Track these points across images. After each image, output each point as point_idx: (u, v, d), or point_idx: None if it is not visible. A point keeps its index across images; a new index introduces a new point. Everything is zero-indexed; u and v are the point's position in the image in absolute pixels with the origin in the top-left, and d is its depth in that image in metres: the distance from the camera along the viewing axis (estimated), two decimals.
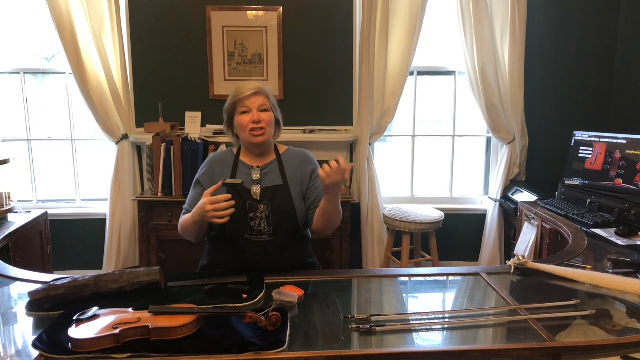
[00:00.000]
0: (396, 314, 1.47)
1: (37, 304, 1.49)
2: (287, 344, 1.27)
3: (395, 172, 3.92)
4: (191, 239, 1.87)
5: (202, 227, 1.79)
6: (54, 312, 1.46)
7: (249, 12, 3.49)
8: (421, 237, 3.57)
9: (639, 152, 2.64)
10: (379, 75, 3.45)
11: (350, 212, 3.28)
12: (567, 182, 2.89)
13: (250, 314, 1.32)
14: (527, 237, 2.80)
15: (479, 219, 3.80)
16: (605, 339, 1.33)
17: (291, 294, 1.53)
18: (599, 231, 2.31)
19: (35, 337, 1.29)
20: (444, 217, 3.35)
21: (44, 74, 3.71)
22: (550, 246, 2.61)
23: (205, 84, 3.58)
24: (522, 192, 3.33)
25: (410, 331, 1.38)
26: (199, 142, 3.23)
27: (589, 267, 1.81)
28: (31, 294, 1.50)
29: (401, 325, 1.40)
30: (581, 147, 2.89)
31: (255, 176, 1.88)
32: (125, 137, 3.49)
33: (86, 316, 1.33)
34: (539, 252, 2.71)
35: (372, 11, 3.34)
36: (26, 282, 1.71)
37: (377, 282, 1.76)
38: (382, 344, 1.31)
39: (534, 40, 3.55)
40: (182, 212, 1.90)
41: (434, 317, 1.47)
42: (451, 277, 1.82)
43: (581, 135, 2.91)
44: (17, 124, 3.69)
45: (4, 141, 3.67)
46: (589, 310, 1.47)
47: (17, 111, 3.67)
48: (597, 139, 2.83)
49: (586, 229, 2.36)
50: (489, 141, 3.87)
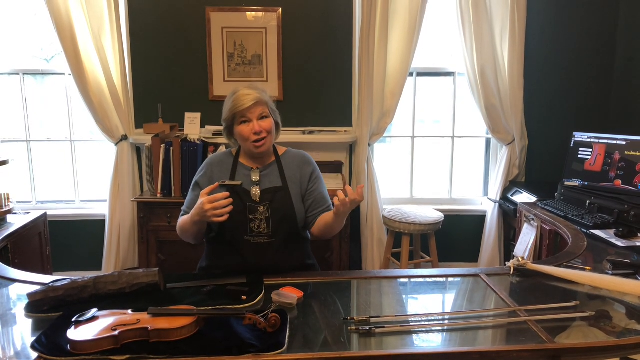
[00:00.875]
0: (396, 316, 1.47)
1: (36, 305, 1.48)
2: (286, 346, 1.27)
3: (394, 173, 3.92)
4: (190, 240, 1.87)
5: (201, 227, 1.79)
6: (53, 313, 1.45)
7: (249, 13, 3.49)
8: (421, 238, 3.57)
9: (638, 153, 2.64)
10: (378, 76, 3.46)
11: (349, 213, 3.27)
12: (566, 183, 2.89)
13: (249, 315, 1.32)
14: (527, 238, 2.80)
15: (479, 220, 3.80)
16: (604, 341, 1.33)
17: (290, 295, 1.53)
18: (598, 232, 2.31)
19: (34, 338, 1.29)
20: (443, 218, 3.35)
21: (43, 75, 3.71)
22: (549, 247, 2.61)
23: (204, 85, 3.58)
24: (522, 193, 3.33)
25: (409, 333, 1.38)
26: (199, 143, 3.23)
27: (588, 268, 1.81)
28: (30, 296, 1.49)
29: (401, 326, 1.39)
30: (580, 148, 2.89)
31: (254, 178, 1.88)
32: (124, 138, 3.49)
33: (85, 318, 1.33)
34: (538, 253, 2.71)
35: (371, 12, 3.35)
36: (25, 284, 1.71)
37: (376, 283, 1.76)
38: (382, 345, 1.31)
39: (533, 41, 3.56)
40: (181, 214, 1.90)
41: (433, 318, 1.46)
42: (451, 279, 1.82)
43: (580, 136, 2.91)
44: (17, 125, 3.69)
45: (3, 142, 3.67)
46: (589, 311, 1.46)
47: (16, 112, 3.67)
48: (597, 140, 2.83)
49: (586, 230, 2.36)
50: (488, 142, 3.87)
